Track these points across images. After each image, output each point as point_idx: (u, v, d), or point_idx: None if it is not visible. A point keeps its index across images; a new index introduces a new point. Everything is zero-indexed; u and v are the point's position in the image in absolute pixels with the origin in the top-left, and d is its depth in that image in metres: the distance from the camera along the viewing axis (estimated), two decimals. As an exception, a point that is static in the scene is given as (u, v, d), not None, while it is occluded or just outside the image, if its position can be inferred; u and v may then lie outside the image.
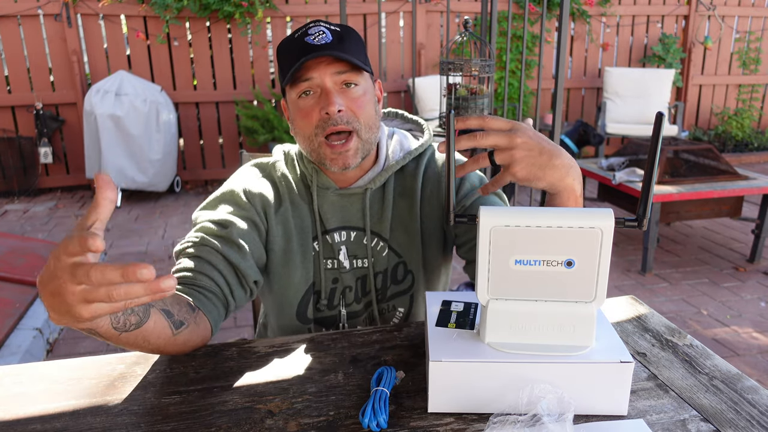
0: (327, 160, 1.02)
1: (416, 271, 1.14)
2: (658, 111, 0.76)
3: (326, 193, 1.10)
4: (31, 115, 4.92)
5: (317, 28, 1.00)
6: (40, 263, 3.13)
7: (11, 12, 4.72)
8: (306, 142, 1.04)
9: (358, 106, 1.01)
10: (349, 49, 0.99)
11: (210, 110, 5.34)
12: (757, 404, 0.79)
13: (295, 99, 1.02)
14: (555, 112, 2.31)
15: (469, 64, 2.24)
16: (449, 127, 0.79)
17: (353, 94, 1.01)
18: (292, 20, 5.29)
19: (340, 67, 0.99)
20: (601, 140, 4.35)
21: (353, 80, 1.00)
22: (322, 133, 1.00)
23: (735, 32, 6.41)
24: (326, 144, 1.01)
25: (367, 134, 1.03)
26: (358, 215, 1.11)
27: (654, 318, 1.04)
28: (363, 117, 1.02)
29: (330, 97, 0.98)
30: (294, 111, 1.04)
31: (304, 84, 0.99)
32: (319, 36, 0.98)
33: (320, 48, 0.97)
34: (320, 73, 0.98)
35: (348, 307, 1.15)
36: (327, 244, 1.11)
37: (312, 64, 0.98)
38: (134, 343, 0.80)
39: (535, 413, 0.70)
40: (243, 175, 1.14)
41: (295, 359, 0.91)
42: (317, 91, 1.00)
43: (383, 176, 1.10)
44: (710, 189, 3.28)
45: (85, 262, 0.60)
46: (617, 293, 3.09)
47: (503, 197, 1.14)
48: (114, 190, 0.63)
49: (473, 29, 4.72)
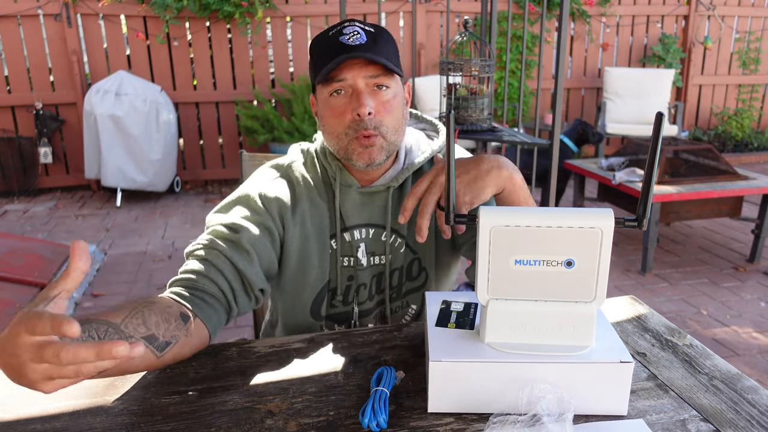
0: (354, 155, 1.03)
1: (429, 268, 1.16)
2: (658, 111, 0.76)
3: (349, 191, 1.11)
4: (31, 115, 4.92)
5: (352, 27, 1.02)
6: (40, 263, 3.13)
7: (11, 12, 4.72)
8: (335, 140, 1.05)
9: (387, 110, 1.03)
10: (382, 51, 1.00)
11: (210, 110, 5.34)
12: (757, 404, 0.79)
13: (327, 97, 1.03)
14: (555, 112, 2.31)
15: (469, 64, 2.24)
16: (449, 127, 0.79)
17: (383, 96, 1.02)
18: (292, 20, 5.29)
19: (373, 70, 1.00)
20: (601, 139, 4.35)
21: (384, 83, 1.02)
22: (353, 133, 1.02)
23: (735, 32, 6.41)
24: (356, 141, 1.02)
25: (393, 137, 1.05)
26: (379, 212, 1.13)
27: (654, 318, 1.04)
28: (390, 121, 1.04)
29: (361, 99, 0.99)
30: (324, 108, 1.05)
31: (337, 84, 1.01)
32: (353, 36, 1.00)
33: (354, 49, 0.98)
34: (353, 75, 1.00)
35: (360, 306, 1.16)
36: (345, 241, 1.13)
37: (346, 64, 0.99)
38: (113, 376, 0.80)
39: (535, 413, 0.70)
40: (260, 178, 1.13)
41: (295, 359, 0.91)
42: (348, 91, 1.02)
43: (404, 175, 1.12)
44: (710, 189, 3.28)
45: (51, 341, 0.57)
46: (617, 293, 3.09)
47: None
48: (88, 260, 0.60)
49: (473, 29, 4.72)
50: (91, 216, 4.53)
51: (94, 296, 3.10)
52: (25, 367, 0.59)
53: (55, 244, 3.48)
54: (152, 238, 4.02)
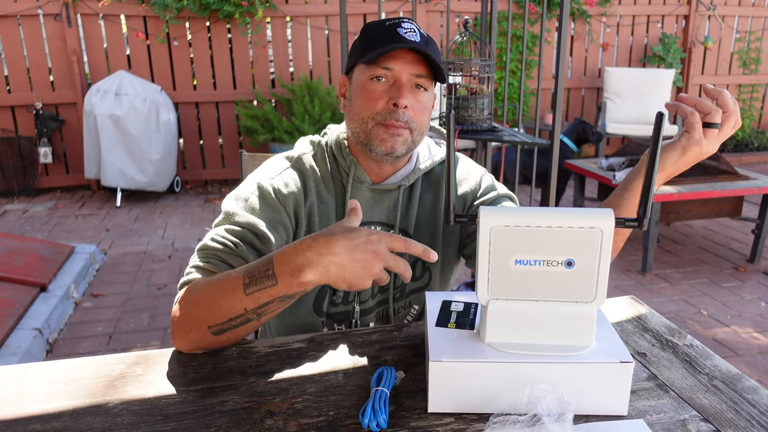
0: (377, 140, 1.04)
1: (433, 269, 1.17)
2: (659, 111, 0.76)
3: (360, 188, 1.12)
4: (30, 115, 4.92)
5: (410, 24, 1.04)
6: (40, 263, 3.13)
7: (11, 12, 4.72)
8: (359, 122, 1.06)
9: (420, 111, 1.05)
10: (432, 52, 1.02)
11: (210, 110, 5.34)
12: (757, 404, 0.79)
13: (366, 80, 1.04)
14: (555, 112, 2.31)
15: (469, 64, 2.24)
16: (449, 127, 0.79)
17: (421, 98, 1.05)
18: (292, 20, 5.29)
19: (421, 69, 1.03)
20: (600, 138, 4.35)
21: (425, 85, 1.05)
22: (381, 119, 1.03)
23: (735, 32, 6.41)
24: (381, 126, 1.03)
25: (417, 137, 1.07)
26: (387, 211, 1.14)
27: (654, 318, 1.04)
28: (420, 121, 1.06)
29: (403, 90, 1.02)
30: (359, 90, 1.05)
31: (382, 70, 1.02)
32: (410, 33, 1.02)
33: (411, 42, 1.00)
34: (401, 67, 1.02)
35: (362, 304, 1.16)
36: None
37: (397, 54, 1.01)
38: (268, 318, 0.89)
39: (535, 413, 0.70)
40: (270, 170, 1.12)
41: (295, 359, 0.91)
42: (390, 80, 1.03)
43: (415, 175, 1.14)
44: (710, 189, 3.28)
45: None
46: (617, 293, 3.09)
47: (517, 202, 1.20)
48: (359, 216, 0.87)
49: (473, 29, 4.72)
50: (91, 216, 4.53)
51: (94, 296, 3.10)
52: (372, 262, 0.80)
53: (55, 244, 3.48)
54: (152, 238, 4.02)
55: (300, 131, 4.79)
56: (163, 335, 2.70)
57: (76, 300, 3.04)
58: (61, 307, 2.85)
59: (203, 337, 0.89)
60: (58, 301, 2.84)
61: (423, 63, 1.03)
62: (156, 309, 2.96)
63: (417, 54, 1.02)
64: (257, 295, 0.83)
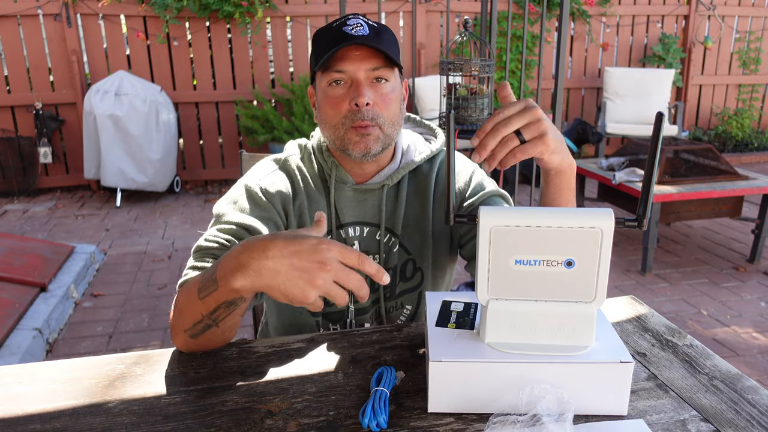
0: (350, 145, 1.04)
1: (425, 269, 1.16)
2: (658, 111, 0.76)
3: (343, 188, 1.11)
4: (30, 115, 4.92)
5: (356, 20, 1.02)
6: (40, 263, 3.13)
7: (11, 12, 4.72)
8: (331, 130, 1.05)
9: (385, 103, 1.03)
10: (383, 44, 1.01)
11: (210, 110, 5.34)
12: (757, 404, 0.79)
13: (325, 87, 1.04)
14: (555, 112, 2.31)
15: (469, 64, 2.24)
16: (449, 127, 0.79)
17: (382, 89, 1.03)
18: (292, 20, 5.29)
19: (374, 62, 1.01)
20: (600, 138, 4.35)
21: (384, 76, 1.03)
22: (350, 123, 1.02)
23: (735, 32, 6.41)
24: (352, 129, 1.03)
25: (389, 129, 1.05)
26: (373, 211, 1.13)
27: (654, 318, 1.04)
28: (388, 113, 1.04)
29: (360, 89, 1.00)
30: (322, 98, 1.05)
31: (336, 74, 1.01)
32: (356, 28, 1.01)
33: (357, 39, 0.99)
34: (354, 67, 1.00)
35: (355, 304, 1.16)
36: (341, 238, 1.13)
37: (347, 54, 1.00)
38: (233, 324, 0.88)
39: (535, 413, 0.70)
40: (260, 171, 1.13)
41: (295, 359, 0.91)
42: (348, 82, 1.02)
43: (399, 174, 1.12)
44: (710, 189, 3.28)
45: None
46: (617, 293, 3.09)
47: (508, 199, 1.17)
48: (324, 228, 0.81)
49: (473, 29, 4.72)
50: (91, 216, 4.53)
51: (94, 296, 3.10)
52: (316, 273, 0.71)
53: (55, 244, 3.48)
54: (152, 238, 4.02)
55: (300, 131, 4.79)
56: (163, 335, 2.70)
57: (76, 300, 3.04)
58: (61, 307, 2.85)
59: (186, 341, 0.90)
60: (58, 301, 2.84)
61: (377, 55, 1.01)
62: (156, 309, 2.96)
63: (368, 48, 1.00)
64: (207, 300, 0.82)
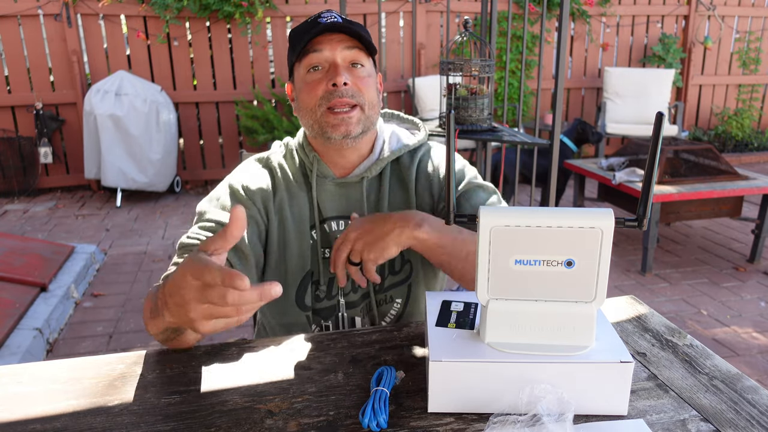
0: (329, 128, 1.05)
1: (414, 261, 1.16)
2: (658, 111, 0.76)
3: (325, 182, 1.13)
4: (31, 115, 4.92)
5: (329, 13, 1.05)
6: (40, 263, 3.13)
7: (11, 12, 4.72)
8: (309, 115, 1.07)
9: (364, 84, 1.06)
10: (357, 29, 1.04)
11: (210, 110, 5.34)
12: (757, 404, 0.79)
13: (303, 74, 1.06)
14: (555, 112, 2.31)
15: (469, 64, 2.24)
16: (449, 127, 0.79)
17: (359, 73, 1.06)
18: (292, 20, 5.29)
19: (350, 43, 1.04)
20: (600, 138, 4.35)
21: (360, 60, 1.06)
22: (326, 103, 1.04)
23: (735, 32, 6.41)
24: (330, 112, 1.04)
25: (369, 111, 1.07)
26: (356, 205, 1.14)
27: (654, 318, 1.04)
28: (367, 94, 1.06)
29: (338, 69, 1.03)
30: (300, 86, 1.07)
31: (314, 56, 1.04)
32: (331, 18, 1.04)
33: (332, 26, 1.02)
34: (331, 48, 1.03)
35: (345, 297, 1.16)
36: (325, 233, 1.14)
37: (323, 39, 1.03)
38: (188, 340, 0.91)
39: (535, 413, 0.70)
40: (242, 171, 1.17)
41: (295, 359, 0.91)
42: (325, 66, 1.05)
43: (379, 165, 1.13)
44: (710, 189, 3.28)
45: (216, 285, 0.63)
46: (617, 293, 3.09)
47: (493, 190, 1.15)
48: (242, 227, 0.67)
49: (473, 29, 4.72)
50: (91, 216, 4.53)
51: (94, 296, 3.10)
52: (188, 306, 0.67)
53: (55, 244, 3.48)
54: (152, 238, 4.02)
55: (300, 131, 4.79)
56: (163, 335, 2.70)
57: (77, 300, 3.04)
58: (62, 307, 2.85)
59: (159, 341, 0.94)
60: (58, 301, 2.84)
61: (351, 40, 1.04)
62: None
63: (342, 33, 1.03)
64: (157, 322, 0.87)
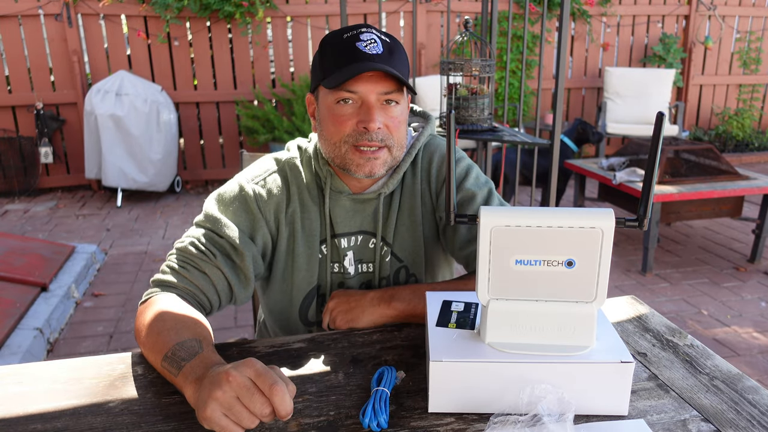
0: (353, 166, 1.01)
1: (419, 275, 1.15)
2: (659, 111, 0.76)
3: (339, 197, 1.09)
4: (31, 115, 4.92)
5: (369, 34, 0.99)
6: (40, 263, 3.13)
7: (11, 12, 4.72)
8: (331, 147, 1.02)
9: (395, 126, 1.01)
10: (397, 64, 0.98)
11: (210, 110, 5.34)
12: (758, 404, 0.79)
13: (332, 103, 1.00)
14: (555, 112, 2.31)
15: (469, 64, 2.24)
16: (449, 127, 0.79)
17: (393, 112, 1.00)
18: (293, 20, 5.29)
19: (387, 86, 0.98)
20: (601, 138, 4.35)
21: (396, 99, 1.00)
22: (354, 141, 0.99)
23: (735, 32, 6.41)
24: (355, 149, 1.00)
25: (397, 152, 1.04)
26: (368, 220, 1.11)
27: (654, 318, 1.04)
28: (397, 136, 1.02)
29: (372, 113, 0.97)
30: (326, 114, 1.02)
31: (347, 94, 0.98)
32: (370, 45, 0.97)
33: (371, 59, 0.95)
34: (366, 90, 0.97)
35: None
36: (335, 247, 1.11)
37: (360, 76, 0.96)
38: None
39: (536, 413, 0.70)
40: (258, 171, 1.11)
41: (295, 359, 0.91)
42: (358, 102, 0.99)
43: (395, 179, 1.10)
44: (711, 189, 3.28)
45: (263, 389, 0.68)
46: (618, 293, 3.09)
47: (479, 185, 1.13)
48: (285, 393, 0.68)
49: (473, 29, 4.72)
50: (92, 216, 4.53)
51: (94, 296, 3.11)
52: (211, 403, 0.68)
53: (56, 244, 3.48)
54: (153, 238, 4.02)
55: (300, 131, 4.80)
56: (164, 335, 2.70)
57: (77, 300, 3.04)
58: (62, 307, 2.86)
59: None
60: (58, 301, 2.84)
61: (389, 78, 0.98)
62: (156, 309, 2.95)
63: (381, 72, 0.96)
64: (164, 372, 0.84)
